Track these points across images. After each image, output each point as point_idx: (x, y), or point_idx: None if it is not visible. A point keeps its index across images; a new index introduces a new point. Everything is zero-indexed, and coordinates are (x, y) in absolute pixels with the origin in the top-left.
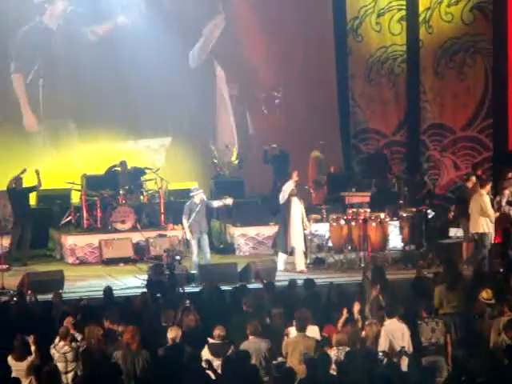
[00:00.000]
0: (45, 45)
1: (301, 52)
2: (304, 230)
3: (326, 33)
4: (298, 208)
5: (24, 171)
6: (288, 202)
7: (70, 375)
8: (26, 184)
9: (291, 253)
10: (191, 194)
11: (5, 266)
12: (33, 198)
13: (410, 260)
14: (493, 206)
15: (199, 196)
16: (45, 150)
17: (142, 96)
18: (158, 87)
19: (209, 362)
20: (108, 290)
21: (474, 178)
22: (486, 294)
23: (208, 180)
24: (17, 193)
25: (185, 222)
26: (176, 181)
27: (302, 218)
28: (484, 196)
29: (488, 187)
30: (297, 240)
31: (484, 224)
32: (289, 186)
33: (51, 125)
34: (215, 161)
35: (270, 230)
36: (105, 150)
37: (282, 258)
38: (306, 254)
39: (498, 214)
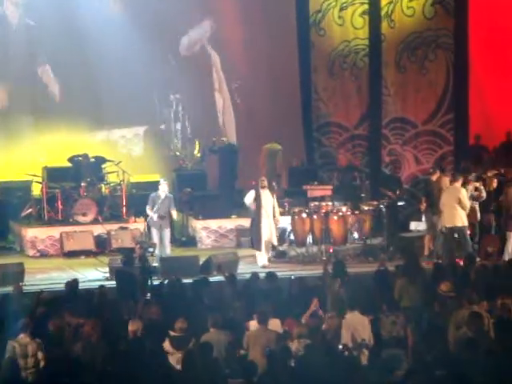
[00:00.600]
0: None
1: (263, 43)
2: (276, 224)
3: (288, 26)
4: (268, 202)
5: None
6: (258, 196)
7: (31, 370)
8: None
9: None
10: (160, 184)
11: None
12: None
13: (371, 253)
14: None
15: (163, 187)
16: None
17: (107, 86)
18: (126, 78)
19: None
20: (73, 283)
21: (438, 172)
22: (444, 287)
23: (170, 172)
24: None
25: (148, 211)
26: (138, 173)
27: (274, 212)
28: (461, 189)
29: (460, 181)
30: (267, 235)
31: (463, 217)
32: (251, 195)
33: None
34: (177, 153)
35: (231, 223)
36: (69, 142)
37: (258, 255)
38: (272, 248)
39: None
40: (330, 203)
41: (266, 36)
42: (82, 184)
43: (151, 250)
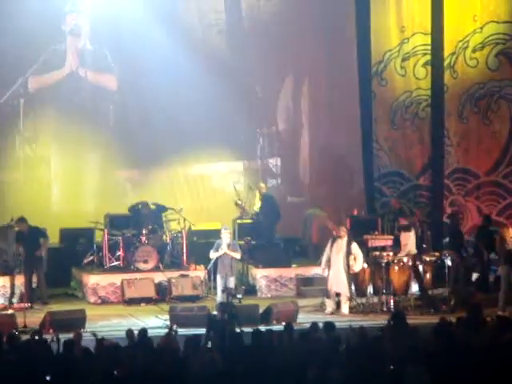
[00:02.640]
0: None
1: (325, 93)
2: (349, 271)
3: (350, 76)
4: (339, 250)
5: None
6: (333, 243)
7: None
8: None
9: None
10: (221, 233)
11: (27, 305)
12: (56, 237)
13: (432, 305)
14: None
15: (225, 235)
16: None
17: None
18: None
19: None
20: (142, 332)
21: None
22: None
23: (231, 221)
24: (24, 236)
25: (212, 255)
26: (199, 221)
27: (346, 259)
28: None
29: None
30: (337, 284)
31: None
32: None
33: None
34: (239, 202)
35: (291, 272)
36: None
37: (327, 302)
38: (349, 297)
39: None
40: (390, 253)
41: (328, 86)
42: (144, 231)
43: (239, 296)
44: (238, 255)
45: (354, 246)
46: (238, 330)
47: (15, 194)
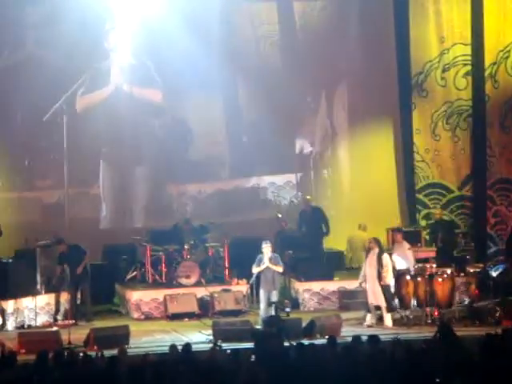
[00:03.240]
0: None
1: (365, 105)
2: (381, 284)
3: (390, 88)
4: (372, 262)
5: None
6: (365, 257)
7: None
8: None
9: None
10: (262, 247)
11: (71, 322)
12: (98, 253)
13: (477, 317)
14: None
15: (266, 249)
16: None
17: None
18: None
19: None
20: (186, 347)
21: None
22: None
23: (272, 234)
24: (66, 256)
25: (254, 269)
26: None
27: (379, 271)
28: None
29: None
30: (373, 297)
31: None
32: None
33: None
34: (279, 215)
35: (334, 285)
36: None
37: (367, 315)
38: (388, 308)
39: None
40: (434, 265)
41: (368, 98)
42: (185, 246)
43: (287, 310)
44: (280, 269)
45: (385, 258)
46: (285, 343)
47: (67, 211)
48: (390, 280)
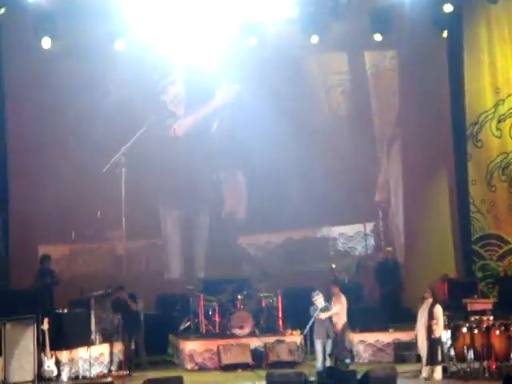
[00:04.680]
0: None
1: (419, 156)
2: (431, 335)
3: (445, 139)
4: (423, 313)
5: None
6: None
7: None
8: None
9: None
10: (313, 299)
11: (125, 372)
12: (153, 304)
13: None
14: None
15: (319, 301)
16: None
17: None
18: None
19: None
20: None
21: None
22: None
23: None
24: (121, 303)
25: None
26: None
27: (429, 323)
28: None
29: None
30: (421, 348)
31: None
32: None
33: None
34: (333, 265)
35: (389, 337)
36: None
37: (423, 367)
38: (427, 360)
39: None
40: (491, 317)
41: (423, 149)
42: (239, 297)
43: (348, 361)
44: (330, 312)
45: (437, 310)
46: None
47: (132, 262)
48: (439, 334)
